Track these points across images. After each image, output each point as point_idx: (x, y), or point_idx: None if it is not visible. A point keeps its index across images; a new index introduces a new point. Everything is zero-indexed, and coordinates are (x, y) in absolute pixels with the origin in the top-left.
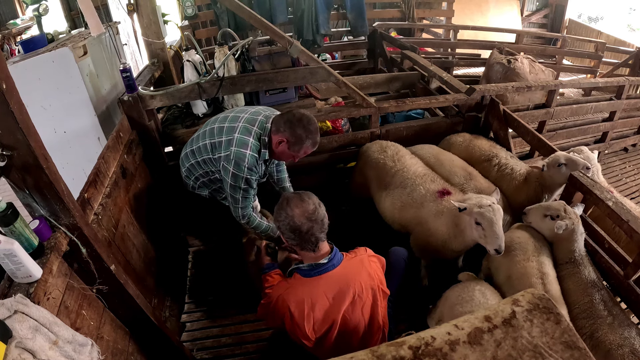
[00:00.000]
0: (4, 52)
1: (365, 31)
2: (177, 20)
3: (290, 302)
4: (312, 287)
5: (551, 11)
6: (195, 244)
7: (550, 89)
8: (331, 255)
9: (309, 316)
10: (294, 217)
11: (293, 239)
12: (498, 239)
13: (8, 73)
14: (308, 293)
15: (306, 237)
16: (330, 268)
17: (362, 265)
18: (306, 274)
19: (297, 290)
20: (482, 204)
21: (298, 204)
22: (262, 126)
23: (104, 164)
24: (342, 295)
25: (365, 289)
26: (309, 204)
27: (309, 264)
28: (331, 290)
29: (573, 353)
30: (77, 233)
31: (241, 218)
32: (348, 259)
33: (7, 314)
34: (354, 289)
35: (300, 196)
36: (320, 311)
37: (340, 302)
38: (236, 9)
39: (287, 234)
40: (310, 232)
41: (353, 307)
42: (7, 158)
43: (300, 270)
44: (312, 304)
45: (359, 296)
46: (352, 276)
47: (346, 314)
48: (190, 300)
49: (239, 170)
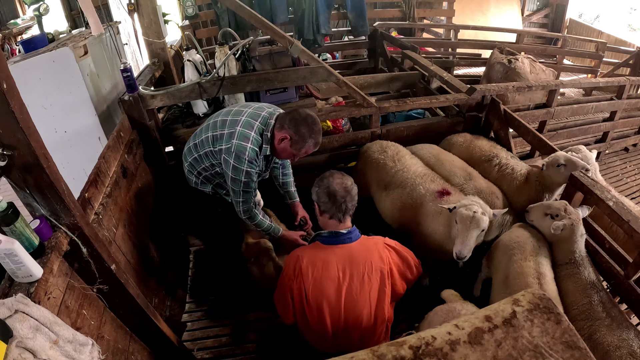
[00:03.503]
0: (4, 52)
1: (365, 31)
2: (177, 20)
3: (303, 259)
4: (327, 253)
5: (552, 11)
6: (196, 243)
7: (550, 88)
8: (351, 229)
9: (316, 280)
10: (334, 184)
11: (326, 204)
12: (462, 244)
13: (9, 73)
14: (323, 257)
15: (338, 204)
16: (347, 240)
17: (375, 247)
18: (326, 241)
19: (313, 251)
20: (469, 207)
21: (339, 177)
22: (265, 122)
23: (104, 164)
24: (352, 271)
25: (375, 270)
26: (348, 179)
27: (330, 231)
28: (344, 262)
29: (573, 353)
30: (78, 233)
31: (243, 213)
32: (365, 238)
33: (8, 314)
34: (365, 267)
35: (342, 173)
36: (327, 279)
37: (350, 275)
38: (237, 8)
39: (322, 198)
40: (344, 200)
41: (361, 287)
42: (7, 158)
43: (320, 236)
44: (322, 269)
45: (367, 275)
46: (366, 255)
47: (353, 293)
48: (191, 300)
49: (239, 162)
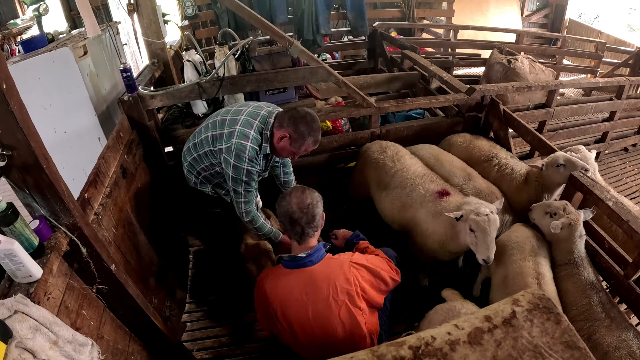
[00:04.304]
0: (4, 52)
1: (365, 31)
2: (177, 20)
3: (266, 284)
4: (289, 278)
5: (551, 11)
6: (195, 243)
7: (550, 88)
8: (311, 252)
9: (282, 307)
10: (290, 205)
11: (284, 224)
12: (488, 249)
13: (8, 73)
14: (284, 282)
15: (294, 225)
16: (308, 264)
17: (340, 269)
18: (287, 265)
19: (276, 276)
20: (480, 211)
21: (297, 195)
22: (264, 120)
23: (104, 164)
24: (315, 296)
25: (340, 292)
26: (306, 198)
27: (290, 255)
28: (306, 285)
29: (573, 353)
30: (77, 233)
31: (245, 215)
32: (329, 259)
33: (8, 314)
34: (329, 290)
35: (303, 189)
36: (294, 302)
37: (313, 298)
38: (236, 8)
39: (280, 218)
40: (298, 222)
41: (329, 311)
42: (7, 158)
43: (282, 260)
44: (287, 293)
45: (333, 299)
46: (328, 276)
47: (321, 316)
48: (191, 300)
49: (239, 162)
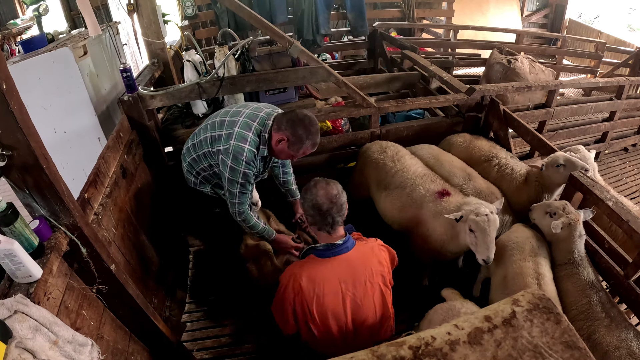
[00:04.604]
0: (4, 52)
1: (365, 31)
2: (177, 20)
3: (302, 277)
4: (325, 267)
5: (551, 11)
6: (195, 244)
7: (550, 89)
8: (345, 239)
9: (318, 297)
10: (318, 197)
11: (313, 217)
12: (488, 250)
13: (8, 73)
14: (321, 272)
15: (325, 217)
16: (344, 250)
17: (372, 252)
18: (321, 254)
19: (310, 268)
20: (480, 212)
21: (323, 187)
22: (262, 122)
23: (104, 164)
24: (354, 280)
25: (375, 275)
26: (332, 189)
27: (325, 243)
28: (344, 273)
29: (573, 353)
30: (77, 233)
31: (238, 215)
32: (360, 245)
33: (7, 314)
34: (365, 274)
35: (327, 181)
36: (330, 294)
37: (352, 284)
38: (236, 9)
39: (309, 211)
40: (329, 212)
41: (365, 293)
42: (7, 158)
43: (315, 250)
44: (323, 284)
45: (369, 282)
46: (364, 261)
47: (357, 300)
48: (191, 300)
49: (237, 164)
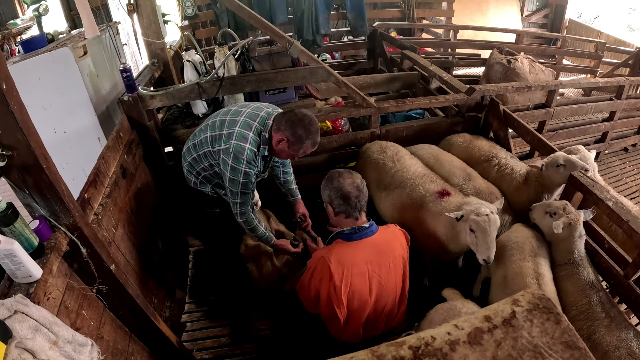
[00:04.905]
0: (4, 52)
1: (365, 31)
2: (177, 20)
3: (331, 260)
4: (353, 249)
5: (551, 11)
6: (195, 244)
7: (550, 89)
8: (371, 222)
9: (347, 278)
10: (346, 186)
11: (342, 206)
12: (488, 249)
13: (8, 73)
14: (349, 254)
15: (354, 203)
16: (369, 234)
17: (394, 236)
18: (348, 238)
19: (339, 251)
20: (480, 211)
21: (348, 177)
22: (263, 122)
23: (104, 164)
24: (380, 261)
25: (397, 257)
26: (357, 177)
27: (351, 227)
28: (370, 255)
29: (573, 353)
30: (77, 233)
31: (239, 216)
32: (383, 229)
33: (7, 314)
34: (389, 257)
35: (349, 171)
36: (357, 275)
37: (377, 267)
38: (236, 9)
39: (337, 201)
40: (358, 199)
41: (388, 275)
42: (7, 158)
43: (342, 234)
44: (352, 266)
45: (393, 264)
46: (388, 244)
47: (382, 282)
48: (190, 300)
49: (237, 163)
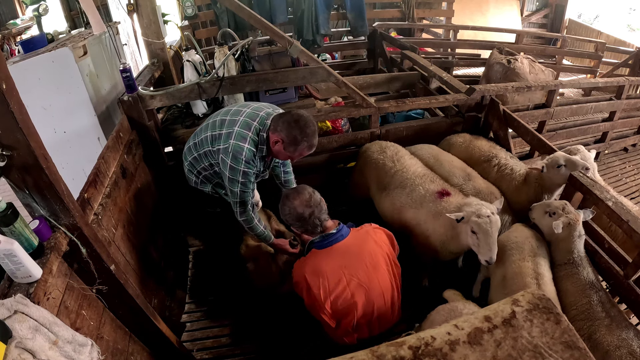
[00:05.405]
0: (4, 52)
1: (365, 31)
2: (177, 20)
3: (306, 272)
4: (326, 257)
5: (551, 11)
6: (195, 244)
7: (550, 89)
8: (339, 227)
9: (324, 286)
10: (296, 207)
11: (301, 226)
12: (490, 251)
13: (8, 73)
14: (324, 263)
15: (311, 221)
16: (340, 238)
17: (367, 235)
18: (320, 246)
19: (313, 262)
20: (481, 213)
21: (296, 196)
22: (262, 122)
23: (104, 164)
24: (355, 264)
25: (375, 255)
26: (304, 194)
27: (320, 235)
28: (344, 259)
29: (573, 353)
30: (77, 233)
31: (239, 215)
32: (355, 231)
33: (7, 314)
34: (365, 257)
35: (296, 189)
36: (334, 282)
37: (354, 271)
38: (236, 9)
39: (294, 223)
40: (312, 216)
41: (369, 277)
42: (7, 158)
43: (314, 243)
44: (327, 273)
45: (371, 265)
46: (361, 245)
47: (363, 284)
48: (190, 300)
49: (236, 163)
